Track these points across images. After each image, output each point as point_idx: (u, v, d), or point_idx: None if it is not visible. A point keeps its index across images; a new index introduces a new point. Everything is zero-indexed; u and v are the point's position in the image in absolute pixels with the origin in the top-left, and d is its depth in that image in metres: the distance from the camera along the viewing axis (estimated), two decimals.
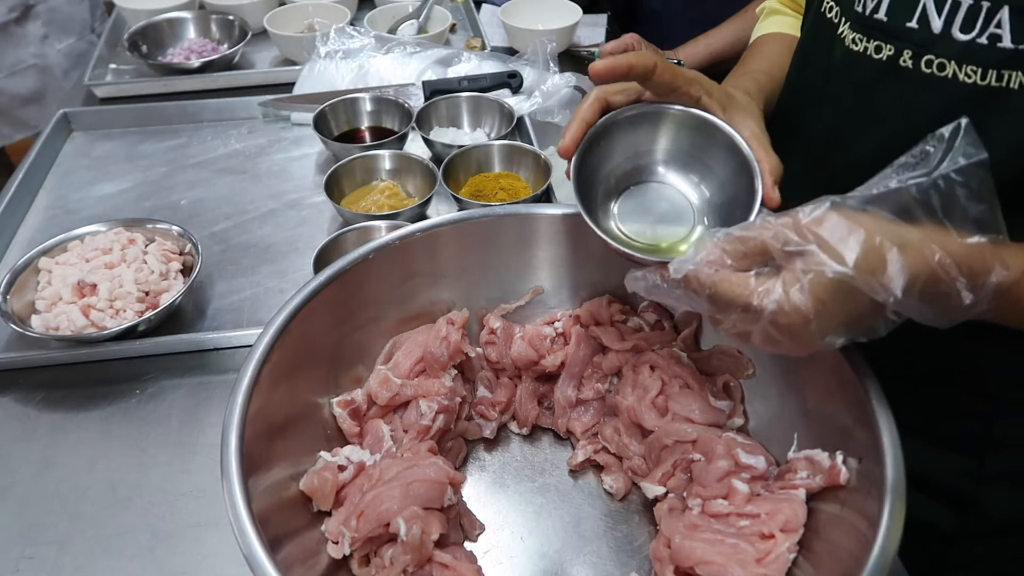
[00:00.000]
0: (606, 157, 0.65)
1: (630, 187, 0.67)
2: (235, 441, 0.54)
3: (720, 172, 0.65)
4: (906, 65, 0.61)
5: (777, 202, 0.60)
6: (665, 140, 0.66)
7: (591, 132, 0.62)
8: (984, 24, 0.56)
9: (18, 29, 1.66)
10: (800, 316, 0.48)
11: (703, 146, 0.64)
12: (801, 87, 0.75)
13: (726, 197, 0.65)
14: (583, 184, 0.63)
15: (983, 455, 0.73)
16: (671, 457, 0.66)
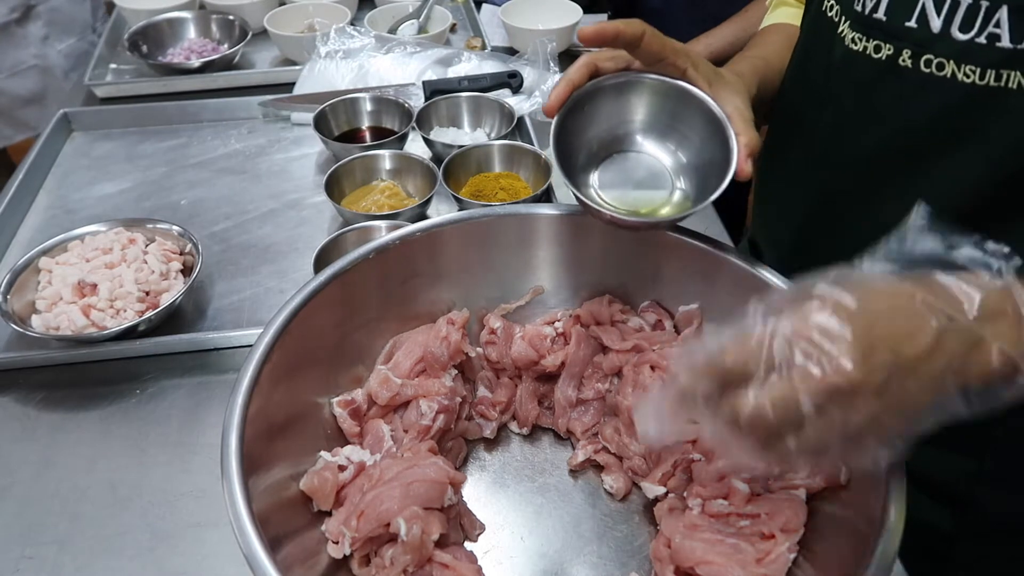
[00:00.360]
0: (589, 122, 0.67)
1: (612, 155, 0.69)
2: (235, 441, 0.54)
3: (699, 142, 0.67)
4: (905, 64, 0.61)
5: (748, 174, 0.62)
6: (647, 109, 0.67)
7: (577, 94, 0.64)
8: (983, 24, 0.55)
9: (19, 30, 1.66)
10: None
11: (685, 117, 0.66)
12: (802, 85, 0.75)
13: (702, 166, 0.67)
14: (563, 146, 0.65)
15: (982, 455, 0.73)
16: (671, 457, 0.66)
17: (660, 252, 0.73)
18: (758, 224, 0.91)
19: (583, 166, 0.69)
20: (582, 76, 0.64)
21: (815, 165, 0.73)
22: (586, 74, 0.64)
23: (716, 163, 0.64)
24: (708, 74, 0.65)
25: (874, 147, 0.67)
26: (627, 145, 0.70)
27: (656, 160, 0.69)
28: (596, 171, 0.69)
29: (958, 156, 0.61)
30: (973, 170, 0.61)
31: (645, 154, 0.69)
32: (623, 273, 0.76)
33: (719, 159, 0.64)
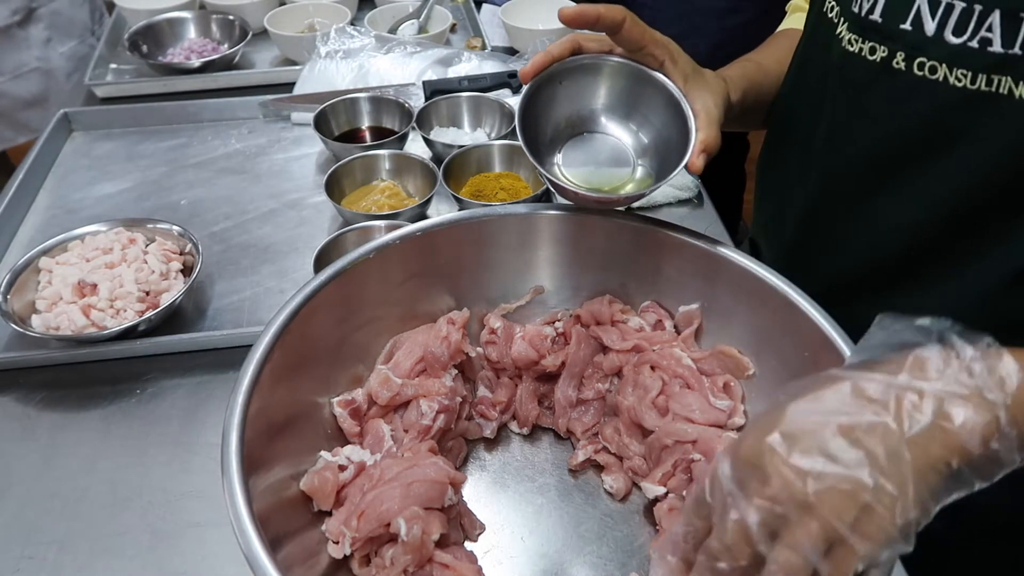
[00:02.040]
0: (561, 99, 0.69)
1: (581, 134, 0.71)
2: (235, 441, 0.54)
3: (663, 130, 0.69)
4: (899, 67, 0.61)
5: (698, 169, 0.63)
6: (618, 92, 0.70)
7: (555, 67, 0.67)
8: (976, 28, 0.55)
9: (21, 32, 1.66)
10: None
11: (653, 106, 0.69)
12: (800, 86, 0.75)
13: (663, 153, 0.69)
14: (531, 120, 0.67)
15: None
16: (671, 457, 0.66)
17: (660, 252, 0.73)
18: (758, 224, 0.91)
19: (549, 142, 0.71)
20: (564, 51, 0.66)
21: (812, 165, 0.74)
22: (568, 49, 0.66)
23: (675, 154, 0.66)
24: (685, 69, 0.67)
25: (868, 148, 0.67)
26: (593, 126, 0.72)
27: (619, 141, 0.71)
28: (561, 149, 0.71)
29: (951, 159, 0.61)
30: (966, 172, 0.61)
31: (610, 136, 0.72)
32: (623, 273, 0.76)
33: (679, 150, 0.66)
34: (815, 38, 0.72)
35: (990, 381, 0.43)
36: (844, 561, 0.42)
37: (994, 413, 0.42)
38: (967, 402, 0.42)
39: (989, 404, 0.42)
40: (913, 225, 0.66)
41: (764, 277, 0.66)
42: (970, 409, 0.42)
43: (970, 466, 0.43)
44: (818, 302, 0.63)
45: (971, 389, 0.43)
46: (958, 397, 0.43)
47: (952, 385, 0.43)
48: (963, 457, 0.43)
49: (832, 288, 0.68)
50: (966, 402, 0.42)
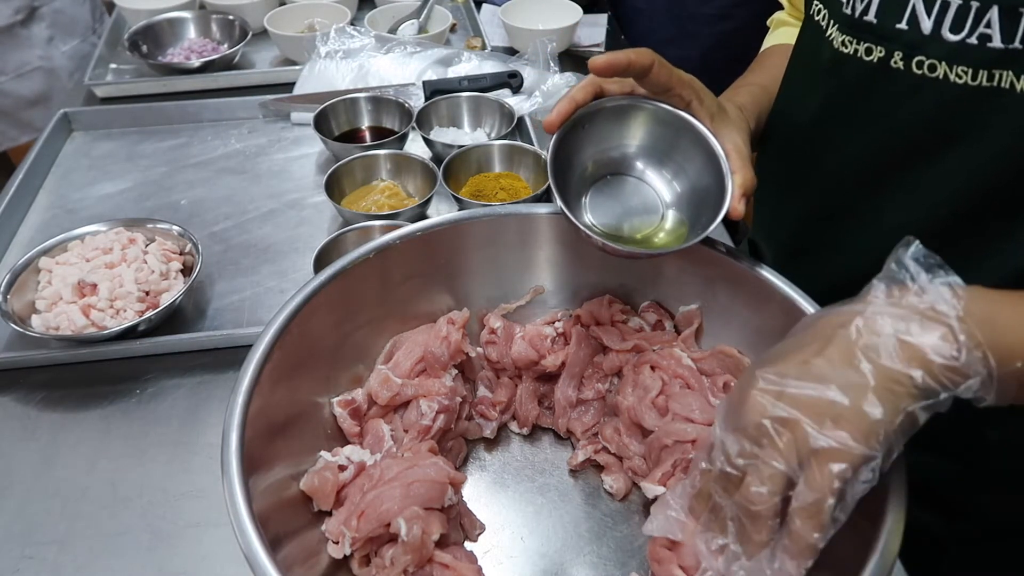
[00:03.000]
0: (587, 142, 0.67)
1: (606, 177, 0.69)
2: (235, 441, 0.54)
3: (694, 175, 0.67)
4: (897, 67, 0.61)
5: (741, 214, 0.63)
6: (646, 135, 0.68)
7: (578, 113, 0.64)
8: (973, 24, 0.55)
9: (23, 31, 1.66)
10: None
11: (682, 147, 0.67)
12: (793, 90, 0.75)
13: (696, 197, 0.67)
14: (559, 163, 0.65)
15: (974, 459, 0.73)
16: (671, 457, 0.66)
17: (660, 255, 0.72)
18: (758, 225, 0.91)
19: (576, 185, 0.69)
20: (587, 95, 0.64)
21: (811, 167, 0.74)
22: (591, 93, 0.64)
23: (710, 196, 0.65)
24: (712, 108, 0.65)
25: (868, 148, 0.67)
26: (622, 168, 0.70)
27: (649, 186, 0.69)
28: (589, 192, 0.69)
29: (953, 156, 0.61)
30: (967, 170, 0.61)
31: (638, 180, 0.70)
32: (623, 273, 0.76)
33: (713, 193, 0.64)
34: (804, 43, 0.72)
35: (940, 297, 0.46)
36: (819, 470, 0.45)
37: (947, 324, 0.46)
38: (922, 317, 0.46)
39: (942, 317, 0.46)
40: (913, 224, 0.66)
41: (764, 277, 0.66)
42: (926, 323, 0.46)
43: (934, 377, 0.46)
44: (818, 302, 0.63)
45: (925, 305, 0.46)
46: (914, 314, 0.46)
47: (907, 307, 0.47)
48: (925, 368, 0.45)
49: (832, 288, 0.68)
50: (922, 318, 0.46)
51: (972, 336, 0.46)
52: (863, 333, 0.47)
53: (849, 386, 0.46)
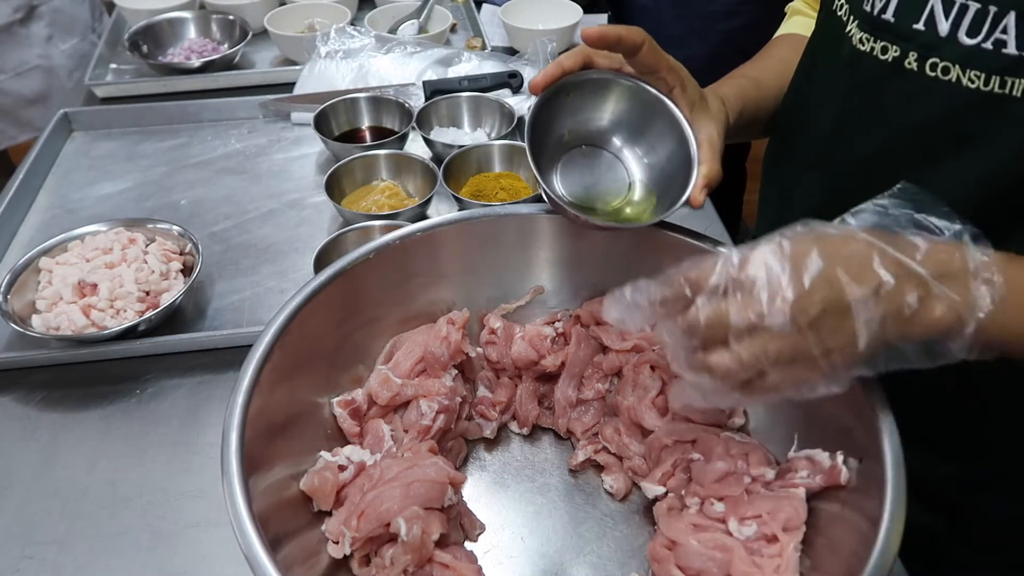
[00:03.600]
0: (568, 111, 0.69)
1: (581, 147, 0.71)
2: (235, 441, 0.54)
3: (664, 157, 0.69)
4: (911, 67, 0.60)
5: (700, 204, 0.65)
6: (625, 112, 0.70)
7: (564, 80, 0.66)
8: (990, 29, 0.55)
9: (23, 30, 1.66)
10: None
11: (657, 130, 0.69)
12: (808, 84, 0.75)
13: (664, 180, 0.69)
14: (537, 129, 0.67)
15: (974, 460, 0.73)
16: (671, 457, 0.66)
17: (660, 252, 0.72)
18: (762, 223, 0.91)
19: (551, 150, 0.71)
20: (575, 63, 0.66)
21: (819, 164, 0.73)
22: (579, 63, 0.66)
23: (677, 181, 0.67)
24: (693, 97, 0.67)
25: (877, 148, 0.67)
26: (597, 140, 0.72)
27: (620, 161, 0.72)
28: (562, 159, 0.71)
29: (961, 160, 0.61)
30: (976, 175, 0.60)
31: (611, 154, 0.72)
32: (623, 273, 0.75)
33: (680, 178, 0.66)
34: (823, 36, 0.71)
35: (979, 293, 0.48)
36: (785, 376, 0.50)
37: (965, 320, 0.48)
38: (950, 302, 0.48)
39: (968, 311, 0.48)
40: None
41: None
42: (951, 309, 0.48)
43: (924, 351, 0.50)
44: None
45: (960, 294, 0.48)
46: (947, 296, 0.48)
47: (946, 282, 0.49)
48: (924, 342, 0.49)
49: None
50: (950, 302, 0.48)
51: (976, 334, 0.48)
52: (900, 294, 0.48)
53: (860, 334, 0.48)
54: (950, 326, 0.48)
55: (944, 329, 0.49)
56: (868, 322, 0.48)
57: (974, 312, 0.48)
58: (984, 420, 0.71)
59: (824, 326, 0.48)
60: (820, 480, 0.59)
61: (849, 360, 0.49)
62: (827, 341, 0.48)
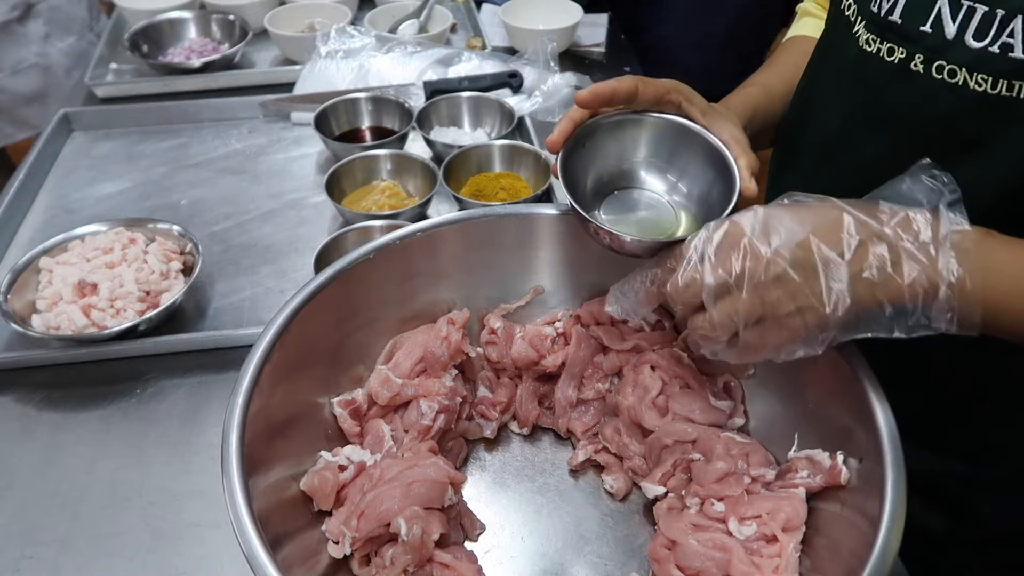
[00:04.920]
0: (591, 159, 0.68)
1: (614, 192, 0.70)
2: (236, 441, 0.54)
3: (698, 174, 0.68)
4: (917, 69, 0.60)
5: (755, 192, 0.64)
6: (646, 145, 0.69)
7: (579, 131, 0.66)
8: (997, 32, 0.55)
9: (20, 28, 1.66)
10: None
11: (683, 151, 0.68)
12: (815, 84, 0.74)
13: (705, 196, 0.68)
14: (570, 182, 0.66)
15: (976, 460, 0.73)
16: (671, 457, 0.66)
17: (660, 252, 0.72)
18: None
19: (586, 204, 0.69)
20: (583, 114, 0.66)
21: (825, 165, 0.73)
22: (587, 113, 0.66)
23: (718, 189, 0.66)
24: (703, 106, 0.68)
25: (883, 150, 0.67)
26: (629, 182, 0.71)
27: (657, 195, 0.70)
28: (600, 207, 0.70)
29: (968, 163, 0.61)
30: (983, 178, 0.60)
31: (647, 190, 0.71)
32: (623, 273, 0.75)
33: (720, 185, 0.65)
34: (832, 37, 0.71)
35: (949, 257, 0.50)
36: (762, 337, 0.53)
37: (937, 283, 0.49)
38: (922, 268, 0.49)
39: (938, 275, 0.49)
40: None
41: None
42: (922, 273, 0.49)
43: (899, 316, 0.50)
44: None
45: (929, 258, 0.50)
46: (915, 258, 0.50)
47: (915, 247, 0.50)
48: (896, 306, 0.50)
49: None
50: (922, 267, 0.49)
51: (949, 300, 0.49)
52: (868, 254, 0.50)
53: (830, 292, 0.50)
54: (924, 290, 0.49)
55: (917, 293, 0.49)
56: (835, 282, 0.50)
57: (945, 276, 0.49)
58: (984, 419, 0.71)
59: (791, 284, 0.50)
60: (820, 480, 0.59)
61: (820, 322, 0.50)
62: (795, 300, 0.50)
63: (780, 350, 0.53)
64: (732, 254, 0.52)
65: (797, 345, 0.52)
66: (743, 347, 0.54)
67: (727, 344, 0.55)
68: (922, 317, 0.50)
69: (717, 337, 0.54)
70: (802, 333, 0.51)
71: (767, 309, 0.51)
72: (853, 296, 0.50)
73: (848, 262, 0.50)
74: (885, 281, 0.50)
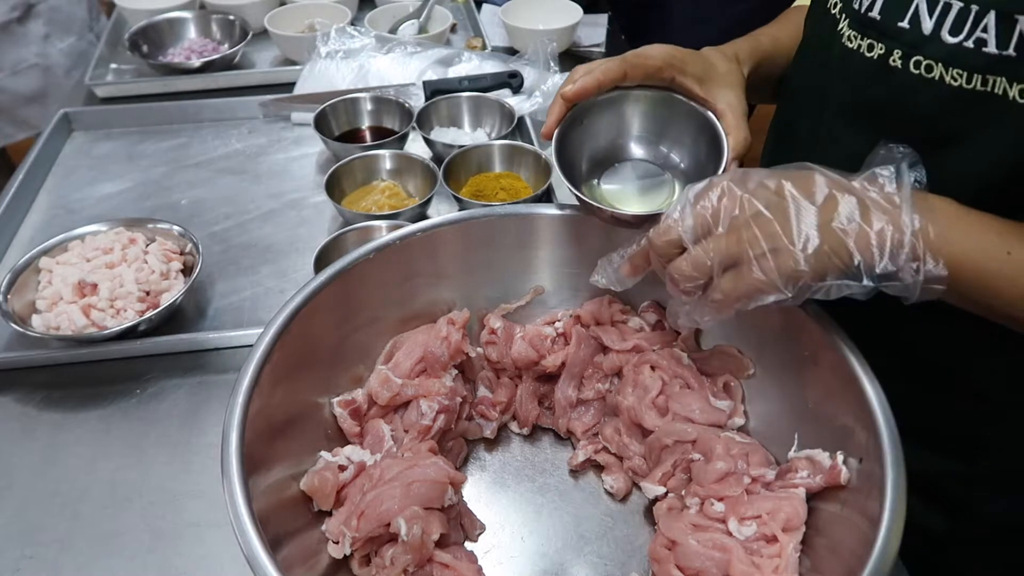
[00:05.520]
0: (587, 136, 0.71)
1: (613, 165, 0.73)
2: (236, 441, 0.54)
3: (692, 145, 0.71)
4: (895, 65, 0.61)
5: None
6: (640, 120, 0.72)
7: (576, 109, 0.68)
8: (972, 28, 0.55)
9: (20, 28, 1.66)
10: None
11: (676, 122, 0.71)
12: (801, 82, 0.75)
13: (698, 166, 0.70)
14: (565, 159, 0.68)
15: (974, 458, 0.73)
16: (671, 457, 0.66)
17: None
18: None
19: (585, 177, 0.72)
20: (576, 94, 0.67)
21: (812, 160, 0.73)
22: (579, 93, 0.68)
23: (711, 162, 0.67)
24: (698, 73, 0.68)
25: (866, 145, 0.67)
26: (626, 154, 0.73)
27: (654, 165, 0.72)
28: (599, 180, 0.72)
29: (948, 158, 0.61)
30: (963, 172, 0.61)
31: (643, 161, 0.73)
32: None
33: (714, 158, 0.67)
34: (817, 34, 0.72)
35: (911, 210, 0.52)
36: (736, 280, 0.54)
37: (903, 231, 0.51)
38: (888, 217, 0.52)
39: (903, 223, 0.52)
40: None
41: None
42: (888, 223, 0.52)
43: (868, 267, 0.52)
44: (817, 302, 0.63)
45: (895, 208, 0.52)
46: (882, 208, 0.52)
47: (882, 198, 0.53)
48: (864, 253, 0.52)
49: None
50: (888, 217, 0.52)
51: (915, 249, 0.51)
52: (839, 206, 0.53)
53: (800, 233, 0.52)
54: (891, 238, 0.51)
55: (884, 241, 0.51)
56: (806, 225, 0.52)
57: (910, 224, 0.51)
58: (985, 418, 0.71)
59: (763, 225, 0.53)
60: (820, 480, 0.59)
61: (791, 264, 0.52)
62: (770, 240, 0.52)
63: (752, 296, 0.54)
64: (710, 194, 0.55)
65: (769, 290, 0.53)
66: (718, 295, 0.55)
67: (703, 297, 0.56)
68: (889, 264, 0.51)
69: (695, 279, 0.55)
70: (775, 275, 0.52)
71: (742, 248, 0.53)
72: (824, 241, 0.52)
73: (818, 208, 0.52)
74: (854, 231, 0.52)
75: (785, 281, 0.52)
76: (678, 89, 0.69)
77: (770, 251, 0.52)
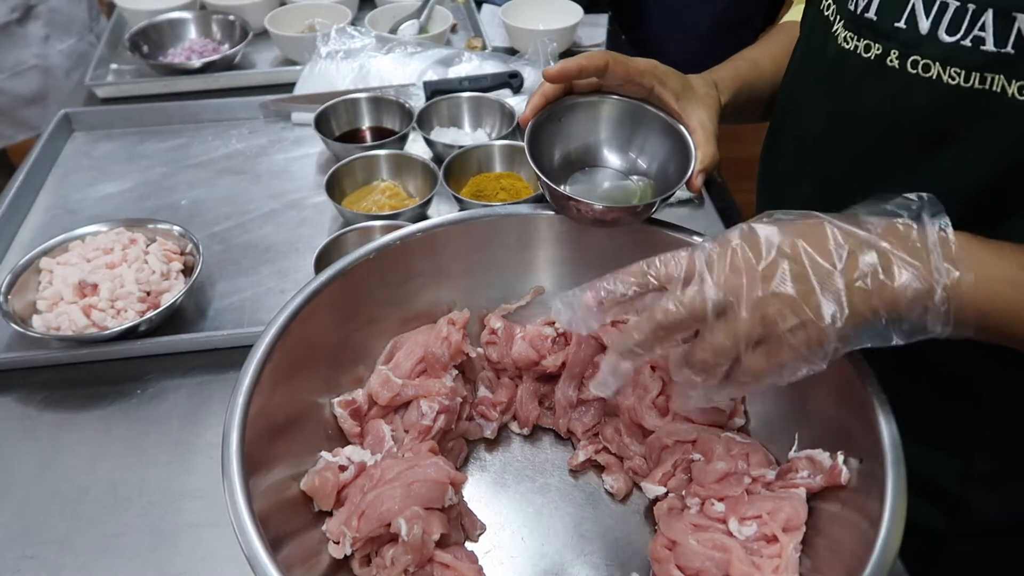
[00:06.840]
0: (561, 136, 0.72)
1: (584, 168, 0.74)
2: (236, 441, 0.54)
3: (662, 157, 0.72)
4: (893, 65, 0.61)
5: (697, 188, 0.67)
6: (613, 127, 0.73)
7: (556, 106, 0.70)
8: (969, 26, 0.56)
9: (19, 29, 1.66)
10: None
11: (648, 134, 0.72)
12: (797, 84, 0.75)
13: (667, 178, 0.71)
14: (536, 156, 0.69)
15: (971, 455, 0.73)
16: (671, 457, 0.66)
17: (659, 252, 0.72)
18: None
19: (554, 178, 0.72)
20: (557, 92, 0.69)
21: (809, 163, 0.74)
22: (561, 90, 0.69)
23: (678, 175, 0.69)
24: (676, 89, 0.69)
25: (863, 146, 0.67)
26: (596, 160, 0.74)
27: (621, 172, 0.74)
28: (568, 181, 0.73)
29: (946, 157, 0.61)
30: (961, 171, 0.61)
31: (611, 168, 0.74)
32: None
33: (681, 171, 0.68)
34: (811, 36, 0.72)
35: (941, 260, 0.50)
36: (767, 360, 0.51)
37: (931, 285, 0.49)
38: (912, 269, 0.49)
39: (931, 277, 0.49)
40: None
41: None
42: (913, 275, 0.49)
43: (895, 322, 0.50)
44: None
45: (921, 261, 0.50)
46: (907, 263, 0.50)
47: (905, 252, 0.50)
48: (892, 312, 0.50)
49: None
50: (912, 269, 0.49)
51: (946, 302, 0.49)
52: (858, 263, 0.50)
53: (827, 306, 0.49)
54: (918, 293, 0.49)
55: (913, 298, 0.49)
56: (831, 293, 0.49)
57: (939, 278, 0.49)
58: (984, 416, 0.71)
59: (788, 298, 0.49)
60: (820, 480, 0.59)
61: (820, 336, 0.49)
62: (795, 314, 0.49)
63: (783, 370, 0.51)
64: (728, 270, 0.51)
65: (800, 363, 0.51)
66: (745, 373, 0.52)
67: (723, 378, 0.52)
68: (918, 322, 0.50)
69: (719, 366, 0.51)
70: (804, 350, 0.50)
71: (767, 326, 0.50)
72: (849, 307, 0.49)
73: (841, 272, 0.49)
74: (878, 288, 0.49)
75: (816, 354, 0.50)
76: (655, 100, 0.70)
77: (799, 325, 0.49)
